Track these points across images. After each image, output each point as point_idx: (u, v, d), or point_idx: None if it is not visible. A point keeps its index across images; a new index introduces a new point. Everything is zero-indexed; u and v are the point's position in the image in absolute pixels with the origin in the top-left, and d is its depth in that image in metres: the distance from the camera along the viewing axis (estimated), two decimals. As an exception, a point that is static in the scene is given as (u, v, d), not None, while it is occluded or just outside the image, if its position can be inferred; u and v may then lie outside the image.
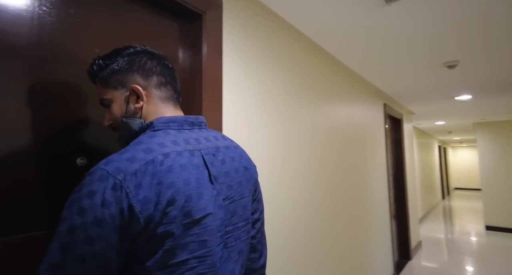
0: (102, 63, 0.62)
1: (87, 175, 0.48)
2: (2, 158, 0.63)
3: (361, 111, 2.52)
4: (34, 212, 0.67)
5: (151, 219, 0.47)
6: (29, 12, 0.69)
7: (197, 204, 0.52)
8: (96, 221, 0.44)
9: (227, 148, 0.65)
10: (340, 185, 2.06)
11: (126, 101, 0.61)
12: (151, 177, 0.48)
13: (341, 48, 1.91)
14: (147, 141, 0.53)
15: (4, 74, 0.64)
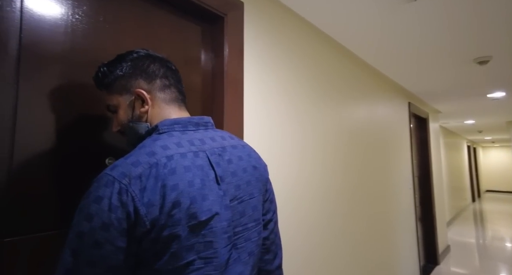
0: (106, 69, 0.63)
1: (95, 181, 0.49)
2: (36, 158, 0.67)
3: (384, 110, 2.45)
4: (66, 211, 0.71)
5: (156, 222, 0.47)
6: (64, 21, 0.73)
7: (201, 206, 0.51)
8: (103, 226, 0.45)
9: (234, 147, 0.64)
10: (362, 186, 2.01)
11: (132, 105, 0.62)
12: (155, 180, 0.49)
13: (364, 47, 1.87)
14: (150, 145, 0.53)
15: (41, 79, 0.68)
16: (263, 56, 1.23)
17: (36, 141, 0.67)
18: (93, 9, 0.78)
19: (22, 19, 0.66)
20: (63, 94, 0.72)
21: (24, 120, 0.65)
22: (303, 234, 1.41)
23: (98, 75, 0.64)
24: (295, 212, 1.36)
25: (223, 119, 1.03)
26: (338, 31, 1.64)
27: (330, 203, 1.63)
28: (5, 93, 0.63)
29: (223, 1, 1.04)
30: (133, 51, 0.64)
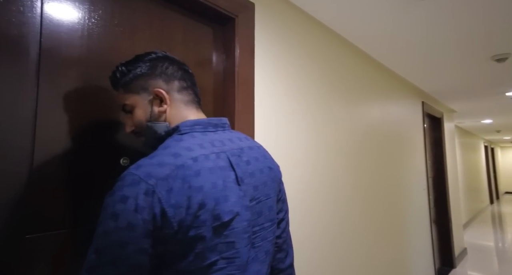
0: (125, 69, 0.63)
1: (119, 180, 0.49)
2: (55, 158, 0.70)
3: (397, 110, 2.41)
4: (82, 210, 0.73)
5: (182, 223, 0.48)
6: (81, 25, 0.75)
7: (224, 207, 0.52)
8: (129, 226, 0.45)
9: (251, 149, 0.64)
10: (375, 186, 1.98)
11: (150, 105, 0.62)
12: (182, 181, 0.49)
13: (376, 45, 1.84)
14: (175, 146, 0.54)
15: (59, 81, 0.71)
16: (274, 56, 1.23)
17: (55, 141, 0.69)
18: (108, 13, 0.80)
19: (42, 24, 0.68)
20: (79, 95, 0.74)
21: (43, 120, 0.68)
22: (318, 235, 1.40)
23: (115, 74, 0.64)
24: (310, 213, 1.36)
25: (234, 119, 1.03)
26: (349, 29, 1.63)
27: (343, 204, 1.62)
28: (27, 94, 0.65)
29: (234, 3, 1.05)
30: (152, 52, 0.65)
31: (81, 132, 0.74)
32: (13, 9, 0.64)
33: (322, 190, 1.47)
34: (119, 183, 0.49)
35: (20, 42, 0.65)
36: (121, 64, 0.64)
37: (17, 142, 0.63)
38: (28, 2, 0.66)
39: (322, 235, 1.44)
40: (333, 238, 1.52)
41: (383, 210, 2.05)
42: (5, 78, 0.62)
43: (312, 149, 1.42)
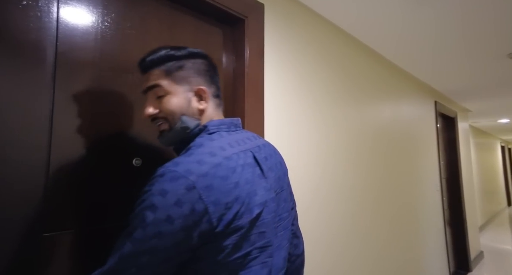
0: (174, 54, 0.62)
1: (157, 176, 0.50)
2: (70, 159, 0.71)
3: (409, 109, 2.37)
4: (95, 208, 0.75)
5: (221, 219, 0.50)
6: (94, 28, 0.77)
7: (255, 200, 0.56)
8: (168, 219, 0.46)
9: (265, 146, 0.69)
10: (386, 187, 1.95)
11: (188, 99, 0.62)
12: (220, 179, 0.51)
13: (387, 44, 1.82)
14: (208, 145, 0.56)
15: (74, 84, 0.73)
16: (283, 56, 1.23)
17: (70, 142, 0.71)
18: (120, 16, 0.82)
19: (58, 28, 0.70)
20: (93, 97, 0.76)
21: (59, 121, 0.70)
22: (330, 235, 1.39)
23: (161, 54, 0.62)
24: (321, 213, 1.35)
25: (244, 119, 1.04)
26: (359, 28, 1.61)
27: (355, 204, 1.60)
28: (44, 96, 0.67)
29: (244, 4, 1.05)
30: (201, 51, 0.67)
31: (95, 132, 0.75)
32: (31, 14, 0.66)
33: (333, 190, 1.46)
34: (157, 179, 0.49)
35: (38, 47, 0.67)
36: (170, 48, 0.63)
37: (34, 143, 0.65)
38: (45, 8, 0.68)
39: (333, 235, 1.43)
40: (344, 239, 1.50)
41: (395, 211, 2.02)
42: (23, 80, 0.64)
43: (322, 148, 1.41)
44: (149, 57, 0.63)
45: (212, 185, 0.50)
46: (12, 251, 0.61)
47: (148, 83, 0.63)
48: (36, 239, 0.65)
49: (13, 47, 0.64)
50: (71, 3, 0.73)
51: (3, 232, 0.61)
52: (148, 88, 0.63)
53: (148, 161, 0.84)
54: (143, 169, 0.83)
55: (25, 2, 0.65)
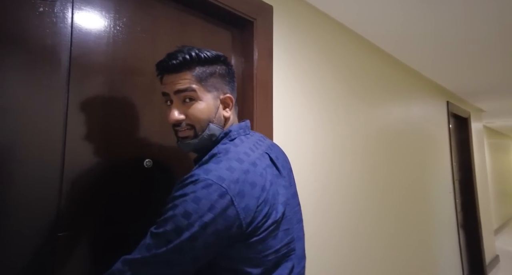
0: (204, 57, 0.61)
1: (188, 182, 0.51)
2: (84, 160, 0.73)
3: (420, 110, 2.33)
4: (111, 210, 0.77)
5: (251, 223, 0.52)
6: (107, 32, 0.79)
7: (279, 200, 0.58)
8: (201, 224, 0.48)
9: (273, 146, 0.71)
10: (396, 189, 1.92)
11: (216, 106, 0.63)
12: (250, 185, 0.53)
13: (397, 44, 1.79)
14: (234, 151, 0.58)
15: (88, 86, 0.75)
16: (292, 58, 1.23)
17: (83, 143, 0.73)
18: (131, 20, 0.84)
19: (72, 33, 0.72)
20: (106, 99, 0.77)
21: (73, 123, 0.72)
22: (336, 239, 1.38)
23: (191, 56, 0.60)
24: (327, 215, 1.34)
25: (253, 121, 1.04)
26: (368, 28, 1.60)
27: (362, 207, 1.58)
28: (58, 100, 0.69)
29: (252, 6, 1.06)
30: (226, 57, 0.66)
31: (107, 134, 0.77)
32: (47, 20, 0.68)
33: (340, 191, 1.45)
34: (190, 185, 0.51)
35: (54, 51, 0.69)
36: (198, 49, 0.61)
37: (50, 145, 0.67)
38: (60, 14, 0.70)
39: (340, 236, 1.42)
40: (352, 240, 1.49)
41: (405, 213, 1.99)
42: (40, 84, 0.67)
43: (330, 148, 1.40)
44: (179, 57, 0.59)
45: (243, 191, 0.51)
46: (29, 249, 0.63)
47: (179, 86, 0.59)
48: (51, 238, 0.66)
49: (31, 52, 0.66)
50: (84, 8, 0.75)
51: (21, 231, 0.63)
52: (178, 91, 0.59)
53: (159, 162, 0.85)
54: (154, 170, 0.84)
55: (42, 8, 0.68)
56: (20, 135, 0.64)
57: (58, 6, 0.70)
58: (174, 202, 0.51)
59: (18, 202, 0.63)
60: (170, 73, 0.61)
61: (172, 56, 0.60)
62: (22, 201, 0.63)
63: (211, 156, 0.58)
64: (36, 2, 0.67)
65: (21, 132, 0.64)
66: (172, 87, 0.60)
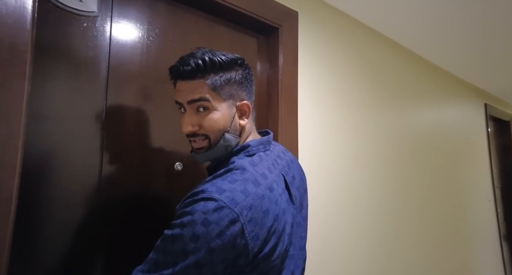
0: (218, 63, 0.56)
1: (199, 199, 0.48)
2: (120, 162, 0.78)
3: (454, 113, 2.21)
4: (143, 210, 0.80)
5: (259, 252, 0.49)
6: (140, 43, 0.84)
7: (286, 229, 0.55)
8: (208, 250, 0.45)
9: (292, 162, 0.67)
10: (429, 198, 1.82)
11: (232, 116, 0.58)
12: (263, 213, 0.50)
13: (427, 45, 1.72)
14: (252, 171, 0.53)
15: (123, 94, 0.80)
16: (318, 62, 1.23)
17: (119, 147, 0.78)
18: (163, 31, 0.88)
19: (111, 45, 0.78)
20: (139, 106, 0.82)
21: (110, 129, 0.77)
22: (370, 255, 1.33)
23: (204, 62, 0.55)
24: (357, 227, 1.30)
25: (278, 126, 1.05)
26: (397, 31, 1.55)
27: (396, 218, 1.52)
28: (97, 106, 0.75)
29: (278, 13, 1.08)
30: (243, 58, 0.61)
31: (141, 138, 0.82)
32: (89, 34, 0.74)
33: (372, 202, 1.40)
34: (201, 204, 0.47)
35: (94, 62, 0.75)
36: (213, 53, 0.56)
37: (90, 148, 0.73)
38: (100, 28, 0.76)
39: (375, 252, 1.37)
40: (376, 257, 1.43)
41: (440, 224, 1.88)
42: (82, 92, 0.73)
43: (358, 156, 1.37)
44: (191, 63, 0.55)
45: (256, 220, 0.48)
46: (69, 245, 0.68)
47: (192, 96, 0.56)
48: (88, 236, 0.71)
49: (75, 64, 0.72)
50: (121, 22, 0.80)
51: (63, 228, 0.68)
52: (191, 101, 0.56)
53: (188, 166, 0.89)
54: (184, 173, 0.87)
55: (85, 24, 0.74)
56: (64, 139, 0.69)
57: (99, 20, 0.76)
58: (183, 220, 0.47)
59: (61, 202, 0.68)
60: (183, 80, 0.57)
61: (184, 61, 0.56)
62: (64, 199, 0.68)
63: (226, 171, 0.54)
64: (81, 18, 0.73)
65: (65, 136, 0.70)
66: (185, 97, 0.57)
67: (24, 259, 0.63)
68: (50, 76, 0.69)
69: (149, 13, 0.86)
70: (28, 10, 0.58)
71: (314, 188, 1.15)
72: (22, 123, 0.57)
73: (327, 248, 1.18)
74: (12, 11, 0.56)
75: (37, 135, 0.66)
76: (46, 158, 0.67)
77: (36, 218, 0.65)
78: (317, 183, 1.17)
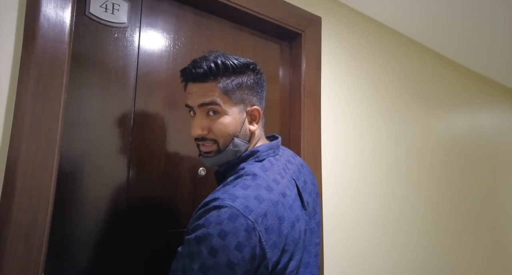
0: (230, 66, 0.56)
1: (212, 208, 0.46)
2: (146, 167, 0.81)
3: (491, 119, 2.08)
4: (168, 215, 0.83)
5: (279, 262, 0.48)
6: (167, 52, 0.87)
7: (301, 235, 0.54)
8: (229, 264, 0.44)
9: (302, 166, 0.66)
10: (464, 211, 1.72)
11: (242, 120, 0.58)
12: (278, 220, 0.48)
13: (458, 47, 1.64)
14: (263, 177, 0.52)
15: (150, 101, 0.83)
16: (341, 67, 1.21)
17: (146, 152, 0.81)
18: (189, 40, 0.91)
19: (139, 54, 0.82)
20: (165, 112, 0.85)
21: (137, 134, 0.80)
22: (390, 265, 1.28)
23: (217, 65, 0.55)
24: (379, 237, 1.26)
25: (300, 131, 1.04)
26: (425, 34, 1.49)
27: (424, 232, 1.45)
28: (126, 113, 0.78)
29: (301, 19, 1.08)
30: (256, 63, 0.61)
31: (167, 143, 0.84)
32: (120, 44, 0.78)
33: (402, 214, 1.35)
34: (213, 213, 0.46)
35: (124, 71, 0.78)
36: (224, 56, 0.56)
37: (119, 153, 0.76)
38: (130, 38, 0.80)
39: (404, 271, 1.31)
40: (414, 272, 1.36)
41: (477, 243, 1.76)
42: (111, 99, 0.76)
43: (383, 164, 1.33)
44: (203, 66, 0.55)
45: (272, 227, 0.47)
46: (98, 246, 0.72)
47: (203, 99, 0.55)
48: (117, 237, 0.74)
49: (106, 73, 0.76)
50: (149, 32, 0.84)
51: (93, 230, 0.71)
52: (202, 104, 0.56)
53: (212, 171, 0.90)
54: (207, 178, 0.89)
55: (116, 35, 0.78)
56: (95, 144, 0.73)
57: (129, 31, 0.80)
58: (197, 234, 0.45)
59: (92, 204, 0.72)
60: (194, 82, 0.57)
61: (196, 64, 0.56)
62: (95, 202, 0.72)
63: (236, 178, 0.53)
64: (113, 29, 0.77)
65: (96, 142, 0.73)
66: (195, 100, 0.56)
67: (59, 258, 0.67)
68: (83, 85, 0.73)
69: (175, 22, 0.89)
70: (67, 24, 0.62)
71: (336, 195, 1.13)
72: (59, 130, 0.61)
73: (349, 257, 1.14)
74: (53, 26, 0.60)
75: (70, 140, 0.70)
76: (79, 162, 0.71)
77: (70, 219, 0.69)
78: (339, 191, 1.14)
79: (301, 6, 1.08)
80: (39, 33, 0.59)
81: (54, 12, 0.62)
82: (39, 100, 0.59)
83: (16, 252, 0.55)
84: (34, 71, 0.59)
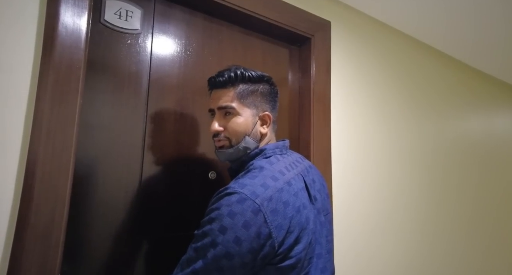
0: (248, 77, 0.65)
1: (223, 194, 0.53)
2: (158, 170, 0.82)
3: (503, 121, 2.03)
4: (175, 216, 0.84)
5: (284, 243, 0.52)
6: (178, 57, 0.89)
7: (310, 225, 0.58)
8: (236, 240, 0.49)
9: (311, 167, 0.71)
10: (478, 219, 1.68)
11: (254, 122, 0.66)
12: (283, 204, 0.54)
13: (470, 51, 1.61)
14: (269, 168, 0.59)
15: (162, 105, 0.84)
16: (351, 70, 1.21)
17: (157, 156, 0.82)
18: (199, 45, 0.93)
19: (151, 60, 0.83)
20: (177, 116, 0.86)
21: (150, 138, 0.81)
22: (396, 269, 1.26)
23: (236, 74, 0.65)
24: (388, 242, 1.24)
25: (310, 135, 1.04)
26: (436, 37, 1.47)
27: (439, 240, 1.42)
28: (139, 117, 0.80)
29: (311, 23, 1.08)
30: (270, 77, 0.70)
31: (179, 147, 0.85)
32: (133, 50, 0.80)
33: (413, 218, 1.33)
34: (225, 198, 0.52)
35: (137, 76, 0.80)
36: (244, 69, 0.67)
37: (132, 156, 0.78)
38: (143, 44, 0.82)
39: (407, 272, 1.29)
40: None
41: (493, 254, 1.71)
42: (125, 103, 0.78)
43: (394, 168, 1.31)
44: (225, 75, 0.65)
45: (277, 210, 0.52)
46: (111, 248, 0.73)
47: (222, 103, 0.65)
48: (130, 239, 0.75)
49: (119, 78, 0.78)
50: (161, 37, 0.86)
51: (107, 231, 0.73)
52: (220, 107, 0.66)
53: (221, 174, 0.91)
54: (217, 181, 0.90)
55: (129, 41, 0.80)
56: (109, 148, 0.75)
57: (141, 37, 0.82)
58: (211, 216, 0.52)
59: (106, 206, 0.73)
60: (217, 89, 0.67)
61: (220, 73, 0.67)
62: (109, 205, 0.73)
63: (246, 172, 0.60)
64: (126, 35, 0.79)
65: (110, 145, 0.75)
66: (216, 103, 0.67)
67: (74, 259, 0.69)
68: (98, 90, 0.75)
69: (186, 28, 0.90)
70: (83, 32, 0.64)
71: (346, 199, 1.12)
72: (75, 133, 0.63)
73: (361, 262, 1.13)
74: (71, 33, 0.63)
75: (86, 144, 0.72)
76: (93, 165, 0.73)
77: (84, 220, 0.71)
78: (350, 195, 1.13)
79: (311, 10, 1.09)
80: (58, 41, 0.62)
81: (72, 20, 0.64)
82: (56, 105, 0.61)
83: (34, 252, 0.56)
84: (52, 77, 0.61)
